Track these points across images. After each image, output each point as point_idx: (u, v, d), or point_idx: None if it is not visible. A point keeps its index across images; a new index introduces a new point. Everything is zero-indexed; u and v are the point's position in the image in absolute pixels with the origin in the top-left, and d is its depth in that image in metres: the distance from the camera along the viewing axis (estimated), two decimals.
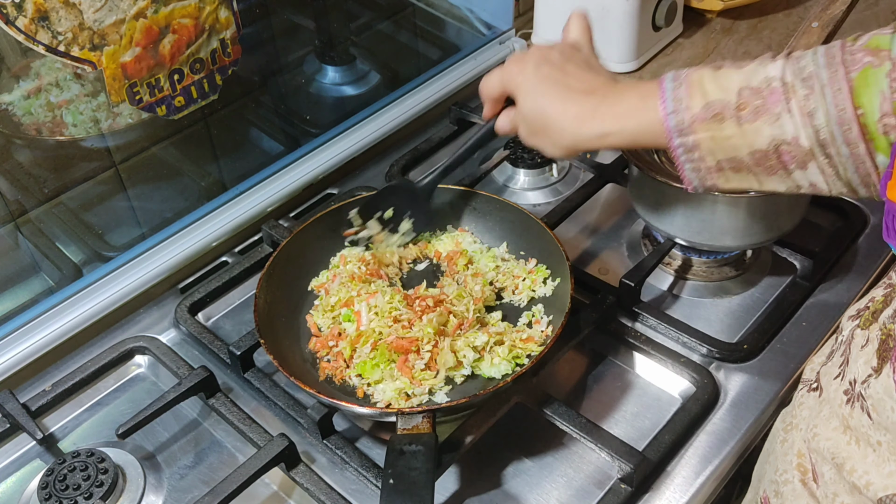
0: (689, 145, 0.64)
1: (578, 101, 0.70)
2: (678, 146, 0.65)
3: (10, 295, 0.94)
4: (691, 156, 0.65)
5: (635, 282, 0.91)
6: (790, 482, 0.68)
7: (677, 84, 0.66)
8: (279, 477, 0.81)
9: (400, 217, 0.94)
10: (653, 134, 0.66)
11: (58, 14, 0.82)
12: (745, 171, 0.65)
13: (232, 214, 1.05)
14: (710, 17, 1.42)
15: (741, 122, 0.62)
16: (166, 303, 1.00)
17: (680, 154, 0.65)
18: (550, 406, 0.80)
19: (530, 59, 0.74)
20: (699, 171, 0.66)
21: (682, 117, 0.64)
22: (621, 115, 0.68)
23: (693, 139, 0.64)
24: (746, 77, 0.63)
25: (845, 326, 0.68)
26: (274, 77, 1.15)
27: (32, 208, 0.93)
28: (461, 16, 1.33)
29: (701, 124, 0.64)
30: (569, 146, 0.72)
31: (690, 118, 0.64)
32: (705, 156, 0.65)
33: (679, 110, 0.64)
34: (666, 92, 0.66)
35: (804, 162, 0.62)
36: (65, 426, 0.89)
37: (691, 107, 0.64)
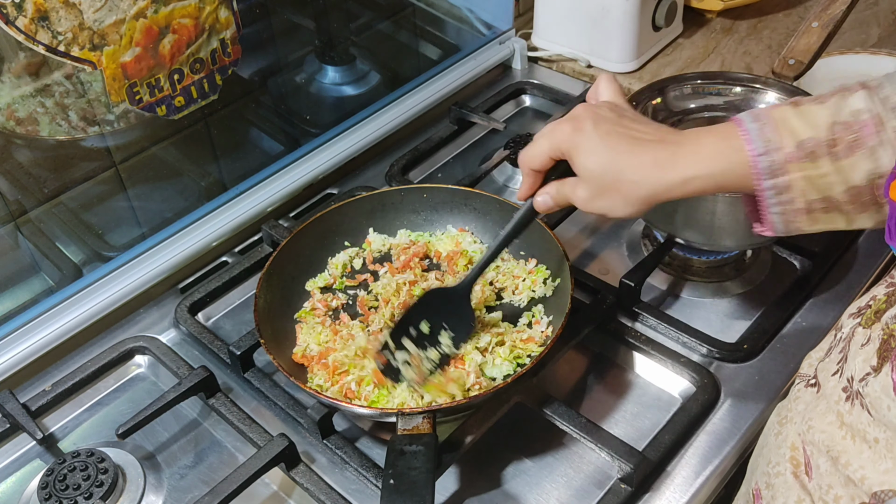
0: (781, 187, 0.62)
1: (653, 150, 0.65)
2: (769, 188, 0.62)
3: (10, 295, 0.94)
4: (781, 198, 0.63)
5: (635, 282, 0.91)
6: (782, 474, 0.69)
7: (761, 124, 0.62)
8: (279, 477, 0.81)
9: (437, 330, 0.82)
10: (739, 177, 0.63)
11: (58, 14, 0.82)
12: (834, 211, 0.63)
13: (232, 214, 1.05)
14: (710, 17, 1.42)
15: (837, 158, 0.60)
16: (166, 303, 1.00)
17: (769, 196, 0.63)
18: (550, 406, 0.80)
19: (584, 118, 0.68)
20: (786, 214, 0.63)
21: (773, 158, 0.61)
22: (705, 159, 0.64)
23: (785, 180, 0.62)
24: (833, 112, 0.61)
25: (845, 324, 0.68)
26: (274, 77, 1.15)
27: (32, 208, 0.93)
28: (461, 16, 1.33)
29: (794, 164, 0.61)
30: (645, 198, 0.66)
31: (783, 159, 0.61)
32: (796, 197, 0.62)
33: (770, 151, 0.61)
34: (750, 133, 0.62)
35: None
36: (65, 426, 0.89)
37: (783, 146, 0.61)
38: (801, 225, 0.64)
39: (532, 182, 0.73)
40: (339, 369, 0.83)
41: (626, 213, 0.68)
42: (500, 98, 1.28)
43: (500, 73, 1.35)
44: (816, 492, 0.65)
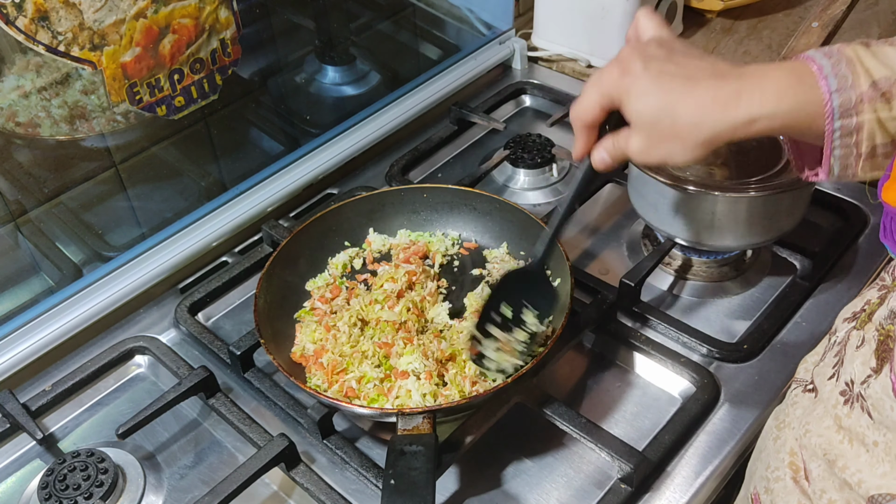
0: (851, 128, 0.58)
1: (712, 87, 0.60)
2: (837, 129, 0.58)
3: (10, 295, 0.94)
4: (848, 140, 0.59)
5: (635, 282, 0.91)
6: (781, 479, 0.68)
7: (835, 61, 0.58)
8: (279, 477, 0.81)
9: (519, 310, 0.81)
10: (809, 116, 0.59)
11: (58, 14, 0.82)
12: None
13: (232, 214, 1.05)
14: (710, 17, 1.42)
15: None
16: (166, 303, 1.00)
17: (836, 138, 0.59)
18: (550, 406, 0.80)
19: (631, 59, 0.63)
20: (848, 158, 0.60)
21: (848, 96, 0.58)
22: (773, 96, 0.59)
23: (857, 121, 0.58)
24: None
25: (840, 328, 0.68)
26: (274, 77, 1.15)
27: (32, 208, 0.93)
28: (461, 16, 1.33)
29: (868, 104, 0.57)
30: (707, 140, 0.61)
31: (857, 97, 0.57)
32: (863, 140, 0.59)
33: (844, 88, 0.58)
34: (825, 68, 0.58)
35: None
36: (65, 426, 0.89)
37: (858, 84, 0.57)
38: (858, 170, 0.60)
39: (586, 139, 0.68)
40: (336, 368, 0.83)
41: (687, 157, 0.63)
42: (500, 98, 1.28)
43: (500, 73, 1.35)
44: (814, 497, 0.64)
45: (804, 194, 0.91)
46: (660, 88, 0.61)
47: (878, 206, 1.04)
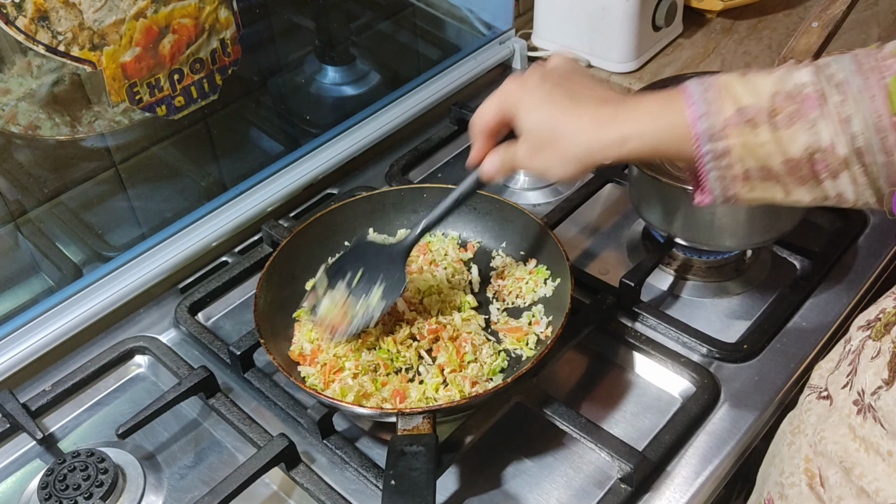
0: (719, 151, 0.61)
1: (592, 108, 0.66)
2: (707, 152, 0.61)
3: (10, 295, 0.94)
4: (719, 163, 0.62)
5: (635, 282, 0.91)
6: (797, 485, 0.68)
7: (704, 88, 0.62)
8: (279, 477, 0.81)
9: (373, 281, 0.84)
10: (678, 139, 0.62)
11: (58, 14, 0.82)
12: (772, 181, 0.62)
13: (232, 214, 1.05)
14: (710, 17, 1.42)
15: (776, 128, 0.60)
16: (166, 303, 1.00)
17: (707, 161, 0.62)
18: (550, 406, 0.80)
19: (531, 76, 0.69)
20: (724, 180, 0.63)
21: (713, 121, 0.61)
22: (643, 118, 0.64)
23: (724, 145, 0.61)
24: (777, 82, 0.61)
25: (854, 336, 0.68)
26: (274, 77, 1.15)
27: (32, 208, 0.93)
28: (461, 16, 1.33)
29: (734, 129, 0.60)
30: (581, 156, 0.66)
31: (723, 122, 0.60)
32: (734, 163, 0.61)
33: (710, 113, 0.61)
34: (693, 95, 0.62)
35: (836, 172, 0.60)
36: (65, 426, 0.89)
37: (723, 110, 0.60)
38: (739, 192, 0.63)
39: (481, 145, 0.73)
40: (333, 367, 0.83)
41: (563, 172, 0.68)
42: None
43: (500, 73, 1.35)
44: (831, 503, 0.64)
45: None
46: (548, 102, 0.67)
47: None
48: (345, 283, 0.84)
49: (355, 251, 0.86)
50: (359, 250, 0.86)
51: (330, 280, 0.85)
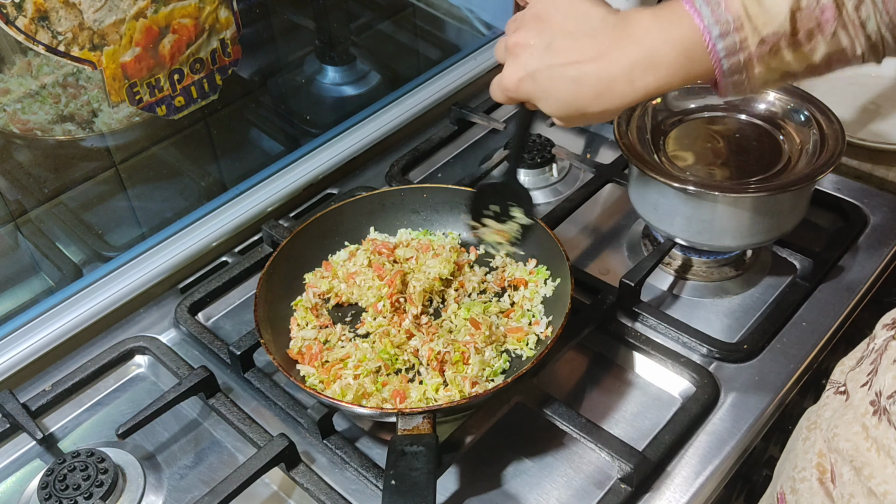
0: (742, 78, 0.62)
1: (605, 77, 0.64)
2: (729, 83, 0.63)
3: (10, 295, 0.94)
4: (741, 87, 0.63)
5: (635, 282, 0.91)
6: (807, 480, 0.68)
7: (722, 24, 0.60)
8: (279, 477, 0.81)
9: (506, 208, 0.84)
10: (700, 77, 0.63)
11: (58, 14, 0.82)
12: (789, 78, 0.63)
13: (232, 214, 1.05)
14: None
15: (798, 46, 0.60)
16: (166, 303, 1.00)
17: (728, 85, 0.63)
18: (550, 406, 0.80)
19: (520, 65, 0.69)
20: (742, 89, 0.64)
21: (737, 59, 0.61)
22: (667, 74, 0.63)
23: (748, 74, 0.62)
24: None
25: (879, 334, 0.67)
26: (274, 77, 1.15)
27: (32, 208, 0.93)
28: (461, 16, 1.33)
29: (759, 61, 0.61)
30: (616, 111, 0.67)
31: (747, 57, 0.61)
32: (756, 79, 0.62)
33: (734, 52, 0.61)
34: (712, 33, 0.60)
35: (849, 62, 0.62)
36: (65, 426, 0.89)
37: (747, 47, 0.60)
38: (754, 90, 0.65)
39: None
40: (335, 365, 0.83)
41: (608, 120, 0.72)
42: None
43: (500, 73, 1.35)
44: (840, 500, 0.64)
45: (804, 194, 0.91)
46: (556, 98, 0.68)
47: (879, 205, 1.04)
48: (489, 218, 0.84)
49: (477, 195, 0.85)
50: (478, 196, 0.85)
51: (478, 221, 0.84)
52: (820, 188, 1.06)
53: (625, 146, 0.91)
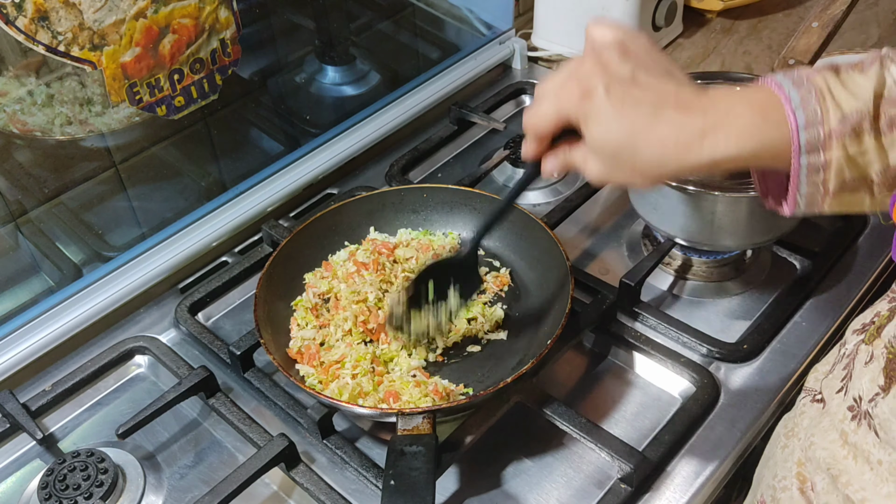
0: (819, 164, 0.55)
1: (677, 124, 0.57)
2: (804, 165, 0.56)
3: (10, 295, 0.94)
4: (815, 178, 0.56)
5: (635, 282, 0.91)
6: (788, 489, 0.68)
7: (805, 92, 0.55)
8: (279, 477, 0.81)
9: (445, 289, 0.83)
10: (774, 153, 0.56)
11: (58, 14, 0.82)
12: (863, 192, 0.57)
13: (232, 214, 1.05)
14: (710, 17, 1.42)
15: (880, 134, 0.55)
16: (166, 303, 1.00)
17: (802, 175, 0.56)
18: (550, 406, 0.80)
19: (593, 79, 0.59)
20: (815, 196, 0.57)
21: (816, 132, 0.55)
22: (739, 137, 0.56)
23: (825, 158, 0.55)
24: (876, 82, 0.56)
25: (849, 339, 0.67)
26: (274, 77, 1.15)
27: (32, 208, 0.93)
28: (461, 16, 1.33)
29: (837, 140, 0.55)
30: (666, 176, 0.60)
31: (827, 133, 0.55)
32: (831, 178, 0.56)
33: (814, 123, 0.55)
34: (793, 101, 0.55)
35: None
36: (65, 426, 0.89)
37: (827, 120, 0.54)
38: (825, 206, 0.58)
39: (538, 147, 0.65)
40: (332, 365, 0.83)
41: (645, 186, 0.63)
42: (500, 98, 1.28)
43: (500, 73, 1.35)
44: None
45: None
46: (622, 118, 0.58)
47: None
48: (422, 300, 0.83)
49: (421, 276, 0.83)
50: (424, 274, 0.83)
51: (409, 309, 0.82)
52: None
53: None
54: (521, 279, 0.94)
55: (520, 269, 0.95)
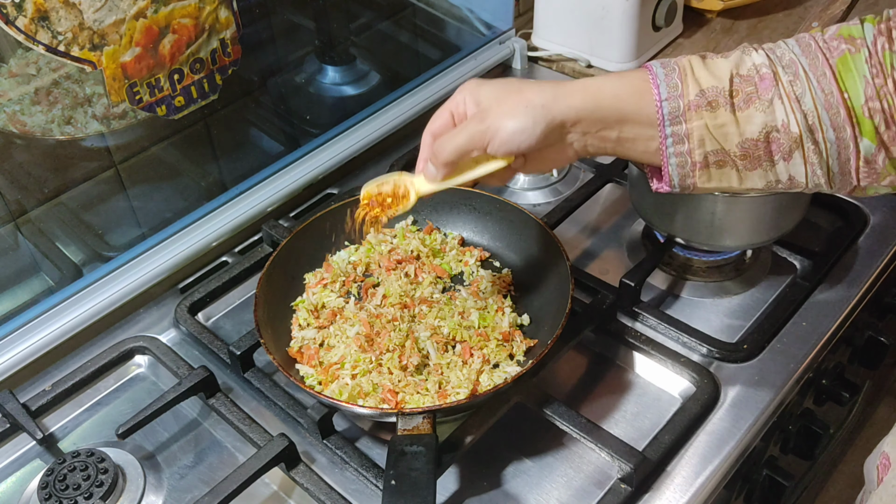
0: (681, 134, 0.64)
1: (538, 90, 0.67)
2: (669, 135, 0.64)
3: (10, 295, 0.94)
4: (680, 147, 0.65)
5: (635, 282, 0.91)
6: None
7: (668, 70, 0.65)
8: (279, 477, 0.81)
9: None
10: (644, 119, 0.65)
11: (58, 14, 0.82)
12: (728, 166, 0.65)
13: (232, 214, 1.05)
14: (710, 17, 1.42)
15: (735, 109, 0.63)
16: (166, 303, 1.00)
17: (668, 145, 0.65)
18: (550, 406, 0.80)
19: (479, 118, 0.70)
20: (683, 168, 0.66)
21: (677, 104, 0.64)
22: (608, 80, 0.66)
23: (686, 128, 0.64)
24: (735, 64, 0.64)
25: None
26: (274, 77, 1.15)
27: (32, 208, 0.93)
28: (461, 16, 1.33)
29: (695, 112, 0.63)
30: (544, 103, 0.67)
31: (685, 105, 0.63)
32: (694, 148, 0.64)
33: (674, 97, 0.64)
34: (657, 77, 0.65)
35: (790, 151, 0.63)
36: (65, 426, 0.89)
37: (686, 93, 0.64)
38: (697, 180, 0.66)
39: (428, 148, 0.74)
40: (333, 365, 0.83)
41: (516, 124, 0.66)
42: None
43: (500, 73, 1.35)
44: None
45: (804, 194, 0.91)
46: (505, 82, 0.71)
47: (879, 205, 1.04)
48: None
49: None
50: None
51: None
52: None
53: None
54: (522, 279, 0.94)
55: (520, 269, 0.95)
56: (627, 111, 0.65)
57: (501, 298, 0.90)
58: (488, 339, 0.84)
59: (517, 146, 0.66)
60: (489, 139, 0.67)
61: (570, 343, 0.87)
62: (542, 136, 0.65)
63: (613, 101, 0.65)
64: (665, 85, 0.64)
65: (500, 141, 0.66)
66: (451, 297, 0.90)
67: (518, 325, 0.88)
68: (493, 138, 0.66)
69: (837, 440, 1.35)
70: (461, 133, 0.68)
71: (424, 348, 0.83)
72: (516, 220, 0.95)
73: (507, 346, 0.85)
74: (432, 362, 0.82)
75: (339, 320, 0.88)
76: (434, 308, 0.88)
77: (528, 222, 0.93)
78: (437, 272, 0.93)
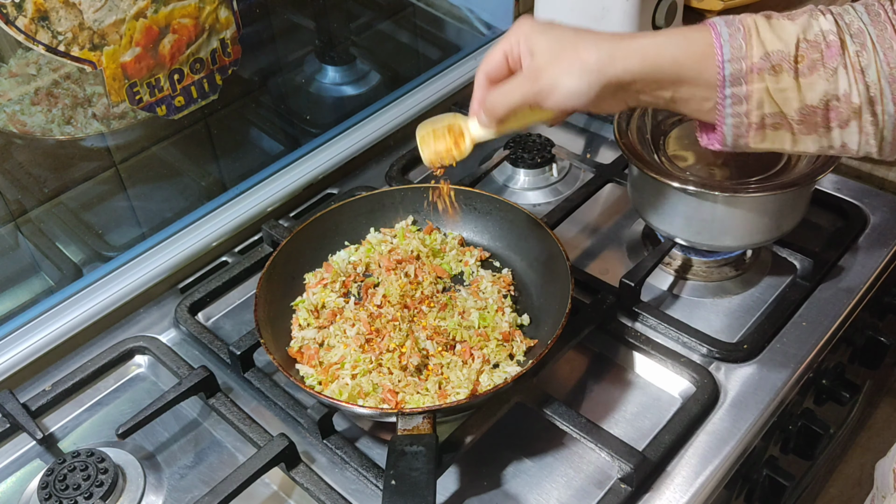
0: (741, 96, 0.62)
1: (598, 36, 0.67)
2: (728, 96, 0.63)
3: (10, 295, 0.94)
4: (738, 108, 0.63)
5: (635, 282, 0.91)
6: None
7: (733, 29, 0.63)
8: (279, 477, 0.81)
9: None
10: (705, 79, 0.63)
11: (58, 14, 0.82)
12: (784, 129, 0.64)
13: (232, 214, 1.05)
14: (709, 17, 1.42)
15: (799, 74, 0.61)
16: (166, 303, 1.00)
17: (727, 106, 0.63)
18: (550, 406, 0.80)
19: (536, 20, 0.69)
20: (739, 127, 0.64)
21: (739, 66, 0.62)
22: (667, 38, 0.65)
23: (747, 90, 0.62)
24: (802, 29, 0.62)
25: None
26: (274, 77, 1.15)
27: (32, 208, 0.93)
28: (461, 16, 1.33)
29: (758, 74, 0.62)
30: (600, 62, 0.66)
31: (748, 67, 0.62)
32: (752, 110, 0.63)
33: (738, 58, 0.62)
34: (721, 36, 0.63)
35: (847, 120, 0.62)
36: (65, 426, 0.89)
37: (750, 55, 0.62)
38: (750, 141, 0.65)
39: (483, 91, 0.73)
40: (333, 365, 0.83)
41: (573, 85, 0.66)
42: None
43: None
44: None
45: (804, 194, 0.91)
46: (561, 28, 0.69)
47: (879, 205, 1.04)
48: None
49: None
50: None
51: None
52: (820, 188, 1.06)
53: (625, 146, 0.91)
54: (522, 279, 0.94)
55: (520, 269, 0.95)
56: (687, 75, 0.64)
57: (501, 298, 0.90)
58: (488, 339, 0.84)
59: (572, 106, 0.67)
60: (543, 98, 0.67)
61: (570, 343, 0.87)
62: (596, 98, 0.66)
63: (672, 66, 0.64)
64: (729, 46, 0.62)
65: (553, 101, 0.67)
66: (451, 297, 0.90)
67: (518, 325, 0.88)
68: (546, 98, 0.67)
69: (838, 440, 1.35)
70: (515, 91, 0.68)
71: (424, 348, 0.83)
72: (516, 220, 0.95)
73: (507, 346, 0.84)
74: (432, 362, 0.82)
75: (339, 320, 0.88)
76: (434, 308, 0.88)
77: (528, 222, 0.93)
78: (437, 272, 0.93)
